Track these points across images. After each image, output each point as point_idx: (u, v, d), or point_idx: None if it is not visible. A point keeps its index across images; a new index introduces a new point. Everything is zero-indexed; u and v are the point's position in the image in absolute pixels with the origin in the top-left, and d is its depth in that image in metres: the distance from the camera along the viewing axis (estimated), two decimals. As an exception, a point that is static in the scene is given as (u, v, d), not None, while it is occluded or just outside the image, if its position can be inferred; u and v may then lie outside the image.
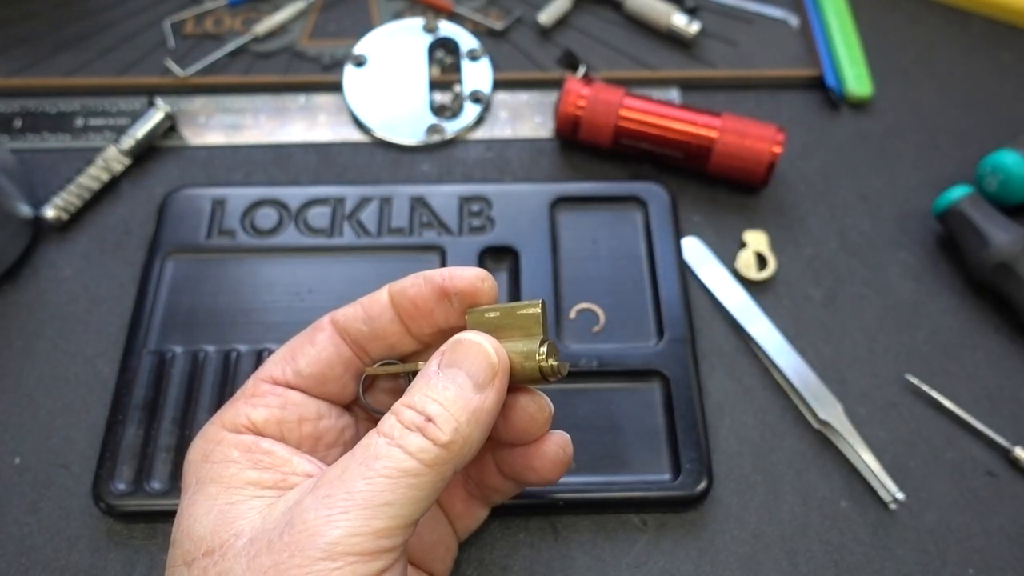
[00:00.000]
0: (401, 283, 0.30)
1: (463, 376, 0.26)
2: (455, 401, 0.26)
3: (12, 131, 0.47)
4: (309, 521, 0.24)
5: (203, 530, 0.26)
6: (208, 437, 0.29)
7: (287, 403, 0.29)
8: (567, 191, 0.44)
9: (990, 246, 0.41)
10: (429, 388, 0.26)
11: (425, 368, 0.27)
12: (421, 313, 0.29)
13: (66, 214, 0.43)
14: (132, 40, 0.51)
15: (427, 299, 0.29)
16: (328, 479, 0.25)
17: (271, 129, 0.48)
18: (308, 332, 0.31)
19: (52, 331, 0.40)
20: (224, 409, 0.30)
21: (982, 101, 0.50)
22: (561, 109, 0.45)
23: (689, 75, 0.50)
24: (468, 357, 0.27)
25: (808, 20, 0.53)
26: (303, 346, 0.30)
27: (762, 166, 0.44)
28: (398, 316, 0.30)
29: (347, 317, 0.30)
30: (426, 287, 0.29)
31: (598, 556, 0.35)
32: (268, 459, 0.28)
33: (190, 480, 0.28)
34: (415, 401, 0.26)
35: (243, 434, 0.28)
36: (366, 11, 0.54)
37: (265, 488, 0.27)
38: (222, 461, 0.28)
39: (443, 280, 0.29)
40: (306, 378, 0.30)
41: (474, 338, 0.27)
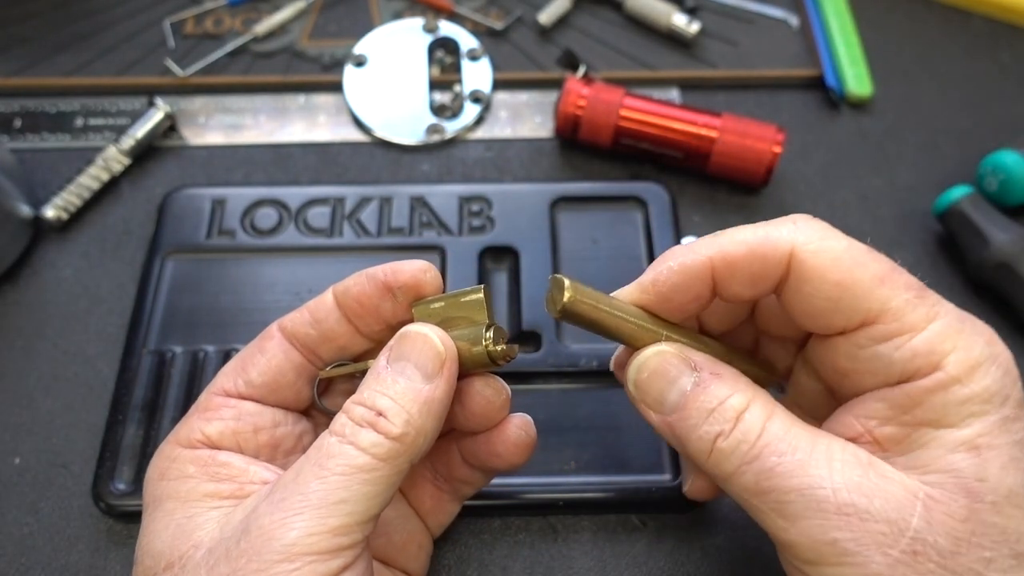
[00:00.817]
0: (344, 283, 0.29)
1: (411, 368, 0.26)
2: (405, 393, 0.26)
3: (12, 131, 0.47)
4: (265, 525, 0.24)
5: (162, 545, 0.26)
6: (164, 455, 0.28)
7: (241, 414, 0.29)
8: (567, 191, 0.44)
9: (990, 246, 0.41)
10: (378, 383, 0.26)
11: (374, 364, 0.27)
12: (367, 311, 0.29)
13: (66, 214, 0.43)
14: (132, 40, 0.51)
15: (371, 296, 0.29)
16: (283, 483, 0.25)
17: (271, 129, 0.48)
18: (257, 341, 0.30)
19: (52, 331, 0.40)
20: (179, 426, 0.29)
21: (982, 101, 0.50)
22: (561, 109, 0.45)
23: (689, 75, 0.50)
24: (415, 349, 0.26)
25: (808, 20, 0.53)
26: (253, 356, 0.30)
27: (762, 166, 0.44)
28: (345, 316, 0.29)
29: (294, 322, 0.30)
30: (369, 284, 0.29)
31: (598, 556, 0.35)
32: (225, 470, 0.28)
33: (148, 499, 0.28)
34: (364, 397, 0.26)
35: (198, 449, 0.28)
36: (366, 11, 0.54)
37: (223, 499, 0.27)
38: (178, 477, 0.27)
39: (385, 276, 0.29)
40: (258, 387, 0.29)
41: (419, 329, 0.27)
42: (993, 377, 0.23)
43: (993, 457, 0.23)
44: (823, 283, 0.24)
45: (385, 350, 0.27)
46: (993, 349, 0.24)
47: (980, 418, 0.23)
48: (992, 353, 0.24)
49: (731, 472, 0.24)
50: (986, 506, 0.22)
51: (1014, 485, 0.23)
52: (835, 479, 0.23)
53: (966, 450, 0.23)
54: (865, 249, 0.25)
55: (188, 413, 0.30)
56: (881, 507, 0.22)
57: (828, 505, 0.23)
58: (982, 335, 0.24)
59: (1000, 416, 0.23)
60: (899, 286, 0.24)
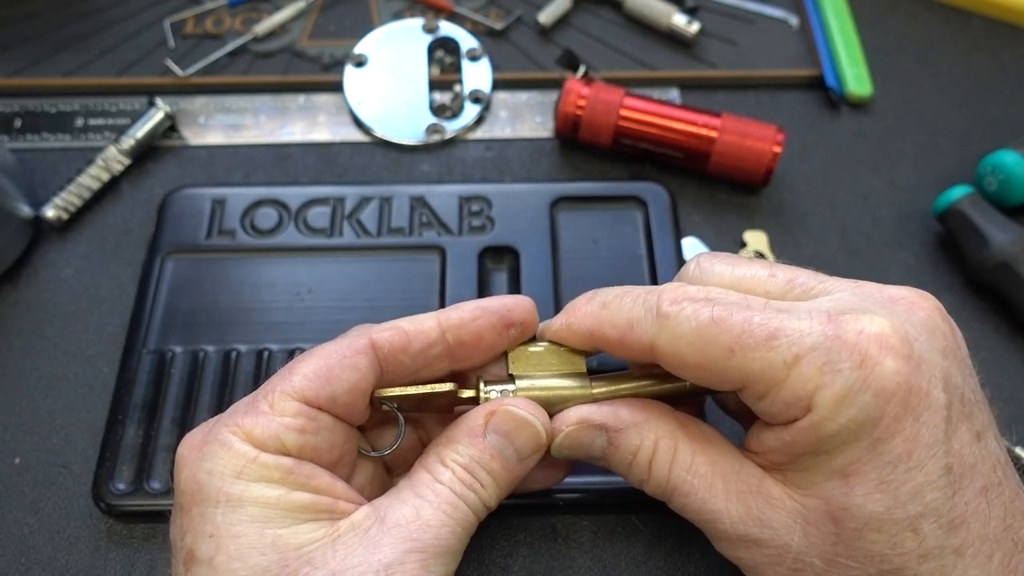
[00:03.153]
0: (457, 316, 0.29)
1: (511, 450, 0.28)
2: (501, 473, 0.28)
3: (12, 131, 0.47)
4: (407, 564, 0.25)
5: (263, 559, 0.24)
6: (237, 452, 0.26)
7: (320, 429, 0.27)
8: (567, 191, 0.44)
9: (990, 246, 0.41)
10: (479, 455, 0.27)
11: (471, 424, 0.28)
12: (483, 346, 0.29)
13: (66, 214, 0.43)
14: (132, 40, 0.51)
15: (492, 331, 0.29)
16: (404, 518, 0.26)
17: (271, 129, 0.48)
18: (345, 351, 0.28)
19: (52, 331, 0.40)
20: (245, 418, 0.27)
21: (982, 101, 0.50)
22: (561, 109, 0.45)
23: (689, 75, 0.50)
24: (521, 434, 0.28)
25: (808, 20, 0.53)
26: (343, 370, 0.27)
27: (762, 166, 0.44)
28: (448, 350, 0.29)
29: (392, 345, 0.28)
30: (490, 320, 0.29)
31: (598, 556, 0.35)
32: (313, 483, 0.26)
33: (215, 495, 0.25)
34: (467, 465, 0.27)
35: (280, 456, 0.26)
36: (366, 11, 0.54)
37: (319, 512, 0.26)
38: (262, 480, 0.26)
39: (506, 311, 0.29)
40: (341, 406, 0.28)
41: (527, 416, 0.28)
42: (859, 406, 0.23)
43: (859, 484, 0.24)
44: (684, 368, 0.26)
45: (485, 413, 0.28)
46: (861, 373, 0.23)
47: (850, 445, 0.24)
48: (860, 378, 0.23)
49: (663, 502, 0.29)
50: (850, 531, 0.24)
51: (876, 511, 0.24)
52: (731, 512, 0.26)
53: (837, 478, 0.24)
54: (710, 318, 0.25)
55: (254, 405, 0.27)
56: (768, 535, 0.26)
57: (728, 535, 0.27)
58: (849, 359, 0.23)
59: (870, 440, 0.24)
60: (749, 347, 0.24)
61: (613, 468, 0.29)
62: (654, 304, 0.26)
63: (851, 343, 0.24)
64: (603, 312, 0.28)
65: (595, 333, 0.28)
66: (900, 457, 0.23)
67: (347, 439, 0.29)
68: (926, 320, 0.25)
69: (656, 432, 0.28)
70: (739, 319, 0.25)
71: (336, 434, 0.28)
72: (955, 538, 0.23)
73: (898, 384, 0.23)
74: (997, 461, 0.25)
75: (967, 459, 0.24)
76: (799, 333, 0.24)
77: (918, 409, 0.23)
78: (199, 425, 0.28)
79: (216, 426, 0.27)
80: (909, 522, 0.23)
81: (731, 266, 0.28)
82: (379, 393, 0.29)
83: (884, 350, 0.23)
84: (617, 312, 0.28)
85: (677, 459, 0.27)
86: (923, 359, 0.24)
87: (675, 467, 0.27)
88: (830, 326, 0.24)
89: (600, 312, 0.28)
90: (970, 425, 0.24)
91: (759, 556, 0.26)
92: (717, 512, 0.27)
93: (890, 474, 0.23)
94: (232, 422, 0.27)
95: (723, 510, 0.26)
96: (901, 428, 0.23)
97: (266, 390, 0.27)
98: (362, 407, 0.28)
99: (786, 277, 0.27)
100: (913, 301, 0.25)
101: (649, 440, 0.28)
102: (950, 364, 0.24)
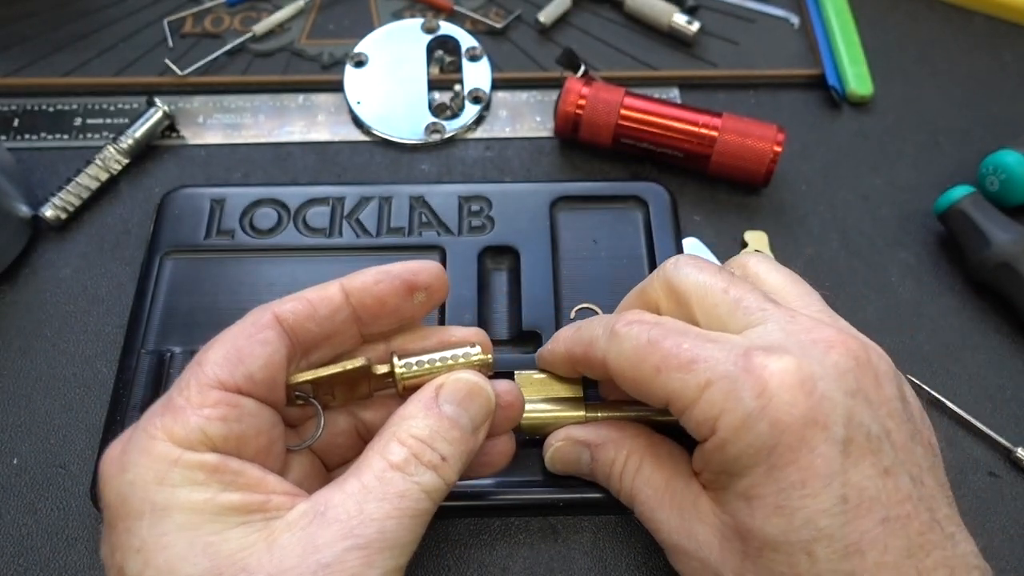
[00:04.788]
0: (360, 280, 0.29)
1: (467, 417, 0.28)
2: (460, 442, 0.27)
3: (10, 131, 0.47)
4: (348, 562, 0.23)
5: (195, 570, 0.23)
6: (157, 456, 0.25)
7: (243, 415, 0.26)
8: (567, 191, 0.43)
9: (991, 246, 0.41)
10: (440, 426, 0.27)
11: (421, 398, 0.28)
12: (388, 311, 0.29)
13: (64, 214, 0.43)
14: (131, 39, 0.51)
15: (396, 295, 0.29)
16: (346, 511, 0.24)
17: (270, 128, 0.48)
18: (250, 329, 0.27)
19: (50, 331, 0.40)
20: (164, 417, 0.25)
21: (983, 100, 0.50)
22: (561, 108, 0.45)
23: (689, 74, 0.50)
24: (473, 399, 0.28)
25: (809, 19, 0.53)
26: (252, 347, 0.27)
27: (762, 166, 0.44)
28: (354, 315, 0.29)
29: (296, 315, 0.28)
30: (394, 283, 0.29)
31: (598, 556, 0.35)
32: (241, 479, 0.25)
33: (140, 506, 0.24)
34: (428, 437, 0.26)
35: (202, 452, 0.25)
36: (366, 10, 0.53)
37: (249, 513, 0.24)
38: (188, 484, 0.24)
39: (410, 275, 0.29)
40: (259, 384, 0.27)
41: (478, 382, 0.28)
42: (756, 433, 0.25)
43: (759, 507, 0.26)
44: (625, 383, 0.29)
45: (435, 386, 0.28)
46: (759, 403, 0.25)
47: (752, 470, 0.26)
48: (759, 407, 0.25)
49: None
50: (753, 550, 0.26)
51: (772, 533, 0.26)
52: (670, 522, 0.29)
53: (743, 499, 0.26)
54: (647, 339, 0.28)
55: (171, 403, 0.26)
56: (694, 547, 0.28)
57: (666, 543, 0.30)
58: (751, 390, 0.25)
59: (767, 466, 0.25)
60: (672, 367, 0.27)
61: (599, 481, 0.33)
62: (610, 324, 0.29)
63: (755, 376, 0.26)
64: (575, 334, 0.31)
65: (569, 353, 0.31)
66: (795, 484, 0.25)
67: (273, 424, 0.28)
68: (838, 362, 0.26)
69: (628, 448, 0.31)
70: (670, 343, 0.27)
71: (261, 419, 0.27)
72: (848, 563, 0.25)
73: (793, 417, 0.25)
74: (908, 497, 0.25)
75: (867, 491, 0.25)
76: (715, 361, 0.26)
77: (813, 441, 0.25)
78: (120, 435, 0.27)
79: (135, 433, 0.26)
80: (803, 545, 0.25)
81: (697, 270, 0.30)
82: (291, 380, 0.28)
83: (783, 386, 0.25)
84: (585, 332, 0.31)
85: (640, 471, 0.31)
86: (824, 396, 0.25)
87: (637, 478, 0.31)
88: (742, 359, 0.26)
89: (573, 334, 0.31)
90: (875, 460, 0.25)
91: (688, 567, 0.29)
92: (659, 522, 0.30)
93: (785, 499, 0.25)
94: (150, 424, 0.25)
95: (664, 520, 0.30)
96: (795, 458, 0.25)
97: (180, 386, 0.26)
98: (280, 385, 0.28)
99: (736, 296, 0.29)
100: (832, 344, 0.27)
101: (621, 454, 0.31)
102: (856, 404, 0.26)
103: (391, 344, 0.31)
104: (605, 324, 0.29)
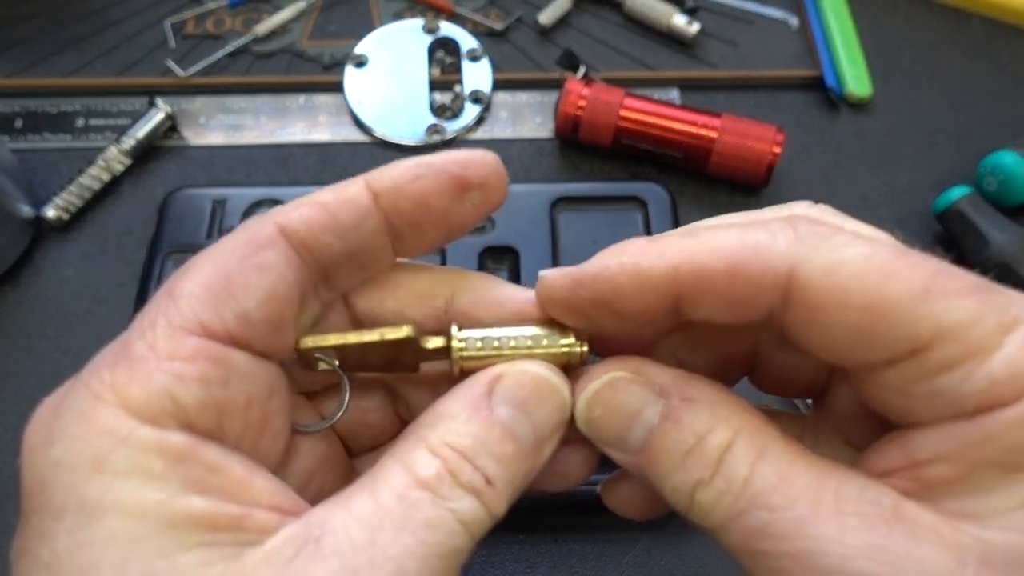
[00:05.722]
0: (391, 176, 0.21)
1: (527, 428, 0.20)
2: (514, 462, 0.19)
3: (13, 131, 0.47)
4: None
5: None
6: (99, 427, 0.17)
7: (231, 375, 0.19)
8: (567, 191, 0.44)
9: (990, 246, 0.41)
10: (488, 434, 0.19)
11: (472, 391, 0.20)
12: (430, 217, 0.21)
13: (67, 214, 0.43)
14: (133, 40, 0.51)
15: (440, 195, 0.21)
16: (355, 545, 0.17)
17: (272, 129, 0.48)
18: (244, 248, 0.20)
19: (53, 331, 0.40)
20: (115, 369, 0.18)
21: (982, 101, 0.50)
22: (561, 109, 0.46)
23: (689, 75, 0.51)
24: (540, 402, 0.20)
25: (808, 20, 0.53)
26: (248, 273, 0.19)
27: (762, 166, 0.44)
28: (386, 224, 0.21)
29: (309, 225, 0.20)
30: (437, 180, 0.21)
31: (598, 556, 0.35)
32: (216, 479, 0.17)
33: (62, 500, 0.17)
34: (468, 449, 0.19)
35: (167, 428, 0.17)
36: (366, 11, 0.54)
37: (217, 530, 0.17)
38: (137, 473, 0.17)
39: (459, 168, 0.21)
40: (256, 328, 0.19)
41: (550, 378, 0.20)
42: None
43: None
44: (845, 312, 0.18)
45: (489, 378, 0.20)
46: None
47: None
48: None
49: (716, 528, 0.19)
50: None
51: None
52: (847, 542, 0.17)
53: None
54: (894, 249, 0.18)
55: (127, 350, 0.18)
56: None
57: (835, 573, 0.17)
58: None
59: None
60: (952, 293, 0.17)
61: (652, 459, 0.20)
62: (788, 228, 0.19)
63: None
64: (695, 241, 0.20)
65: (684, 270, 0.19)
66: None
67: (273, 390, 0.20)
68: None
69: (737, 421, 0.19)
70: (931, 263, 0.18)
71: (256, 381, 0.19)
72: None
73: None
74: None
75: None
76: (1014, 298, 0.17)
77: None
78: (59, 388, 0.20)
79: (74, 386, 0.19)
80: None
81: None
82: (305, 343, 0.21)
83: None
84: (722, 235, 0.19)
85: (765, 460, 0.18)
86: None
87: (762, 464, 0.18)
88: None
89: (689, 242, 0.20)
90: None
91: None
92: (823, 540, 0.17)
93: None
94: (95, 378, 0.18)
95: (833, 537, 0.17)
96: None
97: (142, 325, 0.19)
98: (287, 330, 0.20)
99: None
100: None
101: (723, 428, 0.19)
102: None
103: (450, 304, 0.22)
104: (770, 229, 0.19)
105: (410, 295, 0.22)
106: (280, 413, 0.20)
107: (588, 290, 0.20)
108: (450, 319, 0.22)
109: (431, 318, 0.22)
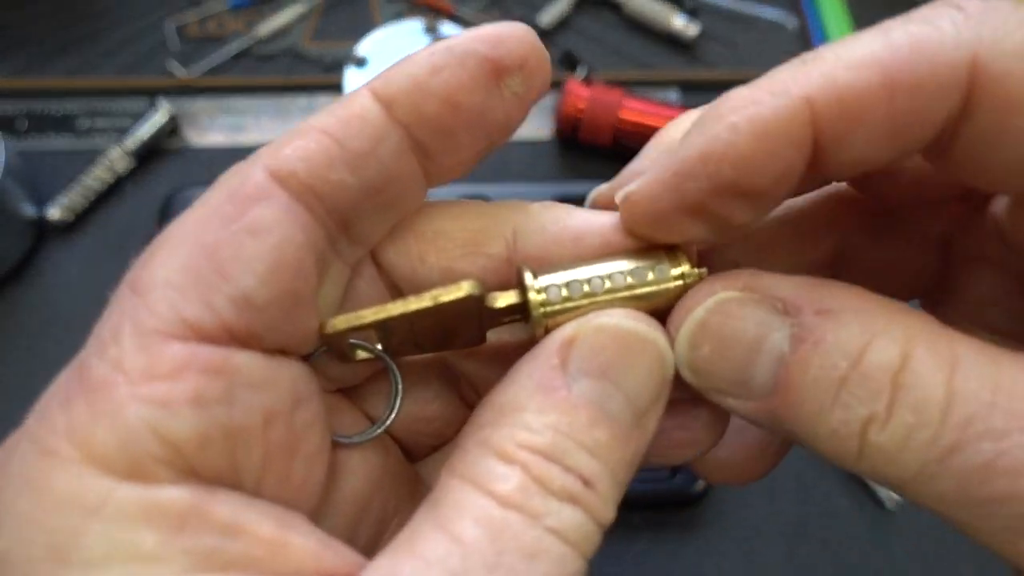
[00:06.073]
0: (403, 76, 0.16)
1: (620, 400, 0.15)
2: (613, 447, 0.15)
3: (17, 132, 0.48)
4: None
5: None
6: (59, 497, 0.13)
7: (236, 385, 0.14)
8: (567, 191, 0.44)
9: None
10: (570, 422, 0.15)
11: (537, 367, 0.15)
12: (463, 119, 0.16)
13: (70, 215, 0.44)
14: (135, 42, 0.51)
15: (472, 87, 0.16)
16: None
17: (273, 130, 0.48)
18: (226, 204, 0.16)
19: (56, 331, 0.41)
20: (73, 407, 0.14)
21: (980, 102, 0.50)
22: (561, 110, 0.46)
23: (689, 76, 0.51)
24: (630, 363, 0.15)
25: (806, 22, 0.53)
26: (235, 241, 0.15)
27: (761, 167, 0.44)
28: (409, 139, 0.16)
29: (309, 162, 0.16)
30: (465, 67, 0.16)
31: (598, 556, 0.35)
32: (236, 546, 0.13)
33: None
34: (551, 447, 0.14)
35: (157, 483, 0.13)
36: (367, 12, 0.54)
37: None
38: (115, 559, 0.12)
39: (490, 48, 0.16)
40: (261, 310, 0.14)
41: (638, 329, 0.15)
42: None
43: None
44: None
45: (558, 346, 0.15)
46: None
47: None
48: None
49: (909, 478, 0.14)
50: None
51: None
52: None
53: None
54: None
55: (85, 376, 0.14)
56: None
57: None
58: None
59: None
60: None
61: (789, 401, 0.15)
62: (951, 9, 0.14)
63: None
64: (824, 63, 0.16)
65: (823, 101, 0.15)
66: None
67: (298, 397, 0.15)
68: None
69: (904, 325, 0.14)
70: None
71: (273, 391, 0.15)
72: None
73: None
74: None
75: None
76: None
77: None
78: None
79: (19, 446, 0.14)
80: None
81: None
82: (334, 325, 0.16)
83: None
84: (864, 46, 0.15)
85: (962, 362, 0.14)
86: None
87: (961, 376, 0.13)
88: None
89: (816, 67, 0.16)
90: None
91: None
92: None
93: None
94: (44, 427, 0.14)
95: None
96: None
97: (101, 338, 0.14)
98: (305, 311, 0.15)
99: None
100: None
101: (889, 339, 0.14)
102: None
103: (512, 247, 0.17)
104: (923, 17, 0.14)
105: (457, 243, 0.17)
106: (313, 427, 0.15)
107: (705, 176, 0.15)
108: (518, 265, 0.17)
109: (490, 271, 0.17)
